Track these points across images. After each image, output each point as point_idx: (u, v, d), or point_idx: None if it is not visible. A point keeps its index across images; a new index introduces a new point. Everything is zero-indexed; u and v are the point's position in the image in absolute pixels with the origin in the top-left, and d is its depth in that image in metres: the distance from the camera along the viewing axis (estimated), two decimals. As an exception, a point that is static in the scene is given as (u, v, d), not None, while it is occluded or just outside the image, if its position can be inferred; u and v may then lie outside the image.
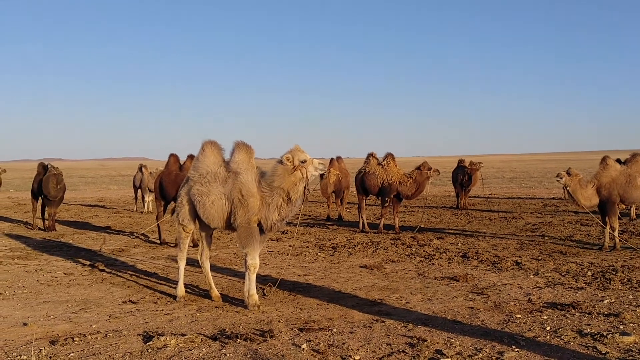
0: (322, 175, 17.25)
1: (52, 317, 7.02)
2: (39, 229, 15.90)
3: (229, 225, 7.41)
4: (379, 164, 14.79)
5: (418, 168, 14.27)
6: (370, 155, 15.10)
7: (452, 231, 14.56)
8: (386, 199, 14.62)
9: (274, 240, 13.03)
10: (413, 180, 14.17)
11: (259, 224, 7.24)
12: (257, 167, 7.38)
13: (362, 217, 15.04)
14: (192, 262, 9.74)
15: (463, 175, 20.75)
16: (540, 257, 10.60)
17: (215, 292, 7.86)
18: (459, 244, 12.36)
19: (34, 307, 7.52)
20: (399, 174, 14.41)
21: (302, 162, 7.07)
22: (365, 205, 15.49)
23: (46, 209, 15.85)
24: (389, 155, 14.74)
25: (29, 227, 16.38)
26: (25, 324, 6.66)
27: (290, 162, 7.07)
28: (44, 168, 16.13)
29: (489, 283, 8.64)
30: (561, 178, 11.35)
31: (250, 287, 7.33)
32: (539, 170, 60.68)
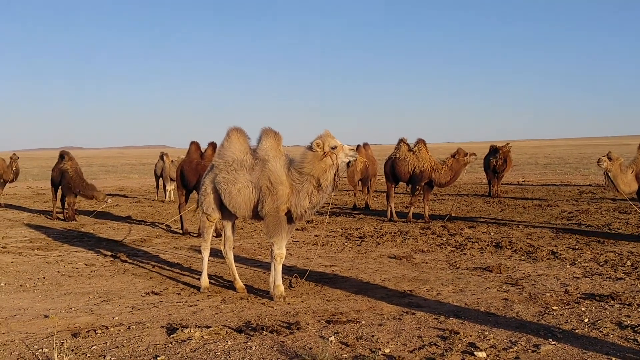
0: (348, 163, 17.21)
1: (73, 309, 7.10)
2: (59, 219, 16.09)
3: (256, 214, 7.44)
4: (410, 150, 14.67)
5: (453, 155, 14.14)
6: (401, 141, 15.00)
7: (484, 220, 14.47)
8: (417, 186, 14.50)
9: (299, 229, 13.06)
10: (448, 168, 14.05)
11: (287, 213, 7.26)
12: (285, 154, 7.39)
13: (390, 205, 14.99)
14: (215, 253, 9.78)
15: (496, 160, 20.43)
16: (577, 247, 10.50)
17: (239, 283, 7.90)
18: (492, 233, 12.28)
19: (55, 299, 7.61)
20: (430, 160, 14.31)
21: (332, 148, 7.05)
22: (394, 193, 15.42)
23: (66, 198, 16.01)
24: (421, 141, 14.61)
25: (48, 217, 16.59)
26: (46, 316, 6.74)
27: (321, 148, 7.06)
28: (61, 157, 16.26)
29: (524, 273, 8.58)
30: (602, 163, 11.22)
31: (276, 278, 7.36)
32: (575, 156, 60.04)
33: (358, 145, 18.41)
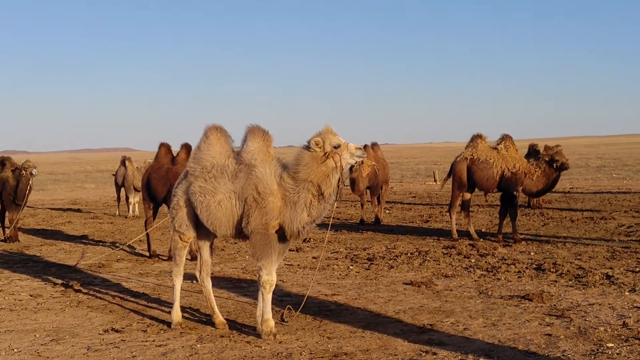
0: (351, 168, 17.12)
1: (15, 350, 7.11)
2: (-3, 239, 16.08)
3: (240, 232, 7.45)
4: (494, 148, 14.37)
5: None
6: (478, 137, 14.54)
7: (522, 236, 14.47)
8: (514, 194, 14.09)
9: (292, 250, 13.06)
10: (542, 172, 13.89)
11: (279, 230, 7.27)
12: (276, 157, 7.40)
13: (453, 218, 14.62)
14: (190, 279, 9.80)
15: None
16: (637, 269, 10.50)
17: (219, 318, 7.90)
18: (532, 253, 12.30)
19: (-7, 338, 7.63)
20: (522, 161, 14.10)
21: (334, 147, 7.06)
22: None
23: (6, 214, 15.99)
24: (507, 138, 14.34)
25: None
26: (-19, 360, 6.76)
27: (320, 147, 7.06)
28: (1, 164, 16.13)
29: (572, 303, 8.59)
30: None
31: (265, 311, 7.36)
32: (635, 156, 60.06)
33: (365, 145, 18.33)
